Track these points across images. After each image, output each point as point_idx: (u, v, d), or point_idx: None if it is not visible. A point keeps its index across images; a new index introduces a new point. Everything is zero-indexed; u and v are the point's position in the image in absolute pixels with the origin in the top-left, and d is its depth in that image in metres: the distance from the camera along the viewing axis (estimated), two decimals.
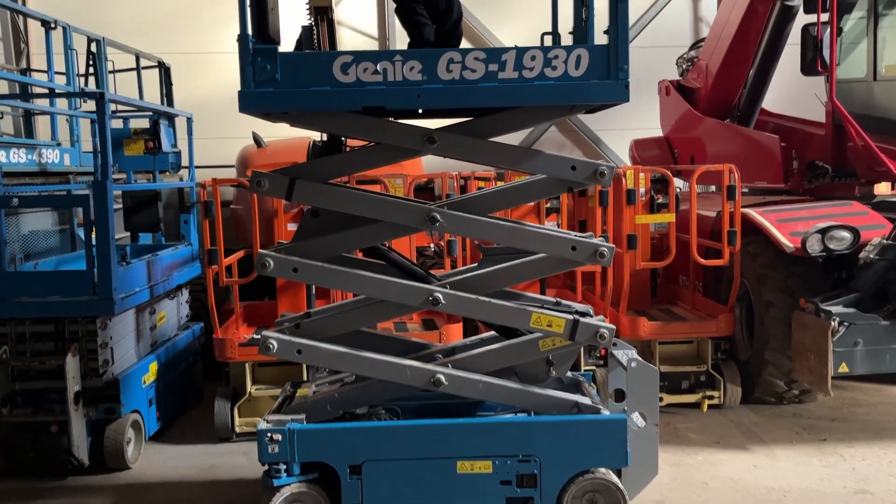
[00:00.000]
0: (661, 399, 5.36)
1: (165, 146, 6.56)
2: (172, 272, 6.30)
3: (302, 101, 3.55)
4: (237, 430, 5.74)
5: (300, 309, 5.34)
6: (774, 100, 8.26)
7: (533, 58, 3.52)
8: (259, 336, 3.93)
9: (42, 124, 8.73)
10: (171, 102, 8.33)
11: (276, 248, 3.96)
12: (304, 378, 5.61)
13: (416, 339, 4.70)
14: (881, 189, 6.64)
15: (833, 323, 5.06)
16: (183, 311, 6.85)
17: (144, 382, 5.61)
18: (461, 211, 3.83)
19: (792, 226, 5.83)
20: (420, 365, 3.92)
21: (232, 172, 9.30)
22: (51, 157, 6.51)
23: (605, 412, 3.92)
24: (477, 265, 4.14)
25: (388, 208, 3.84)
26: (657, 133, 9.34)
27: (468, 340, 4.52)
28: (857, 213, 5.93)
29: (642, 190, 6.40)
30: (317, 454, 3.81)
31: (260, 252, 3.83)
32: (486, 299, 3.83)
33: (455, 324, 6.07)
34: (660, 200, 6.48)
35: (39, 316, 4.98)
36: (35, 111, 7.61)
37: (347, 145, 4.16)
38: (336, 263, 3.89)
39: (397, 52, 3.57)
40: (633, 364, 4.01)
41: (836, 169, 6.79)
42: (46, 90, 7.04)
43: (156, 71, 8.39)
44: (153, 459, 5.47)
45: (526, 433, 3.84)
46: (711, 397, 6.13)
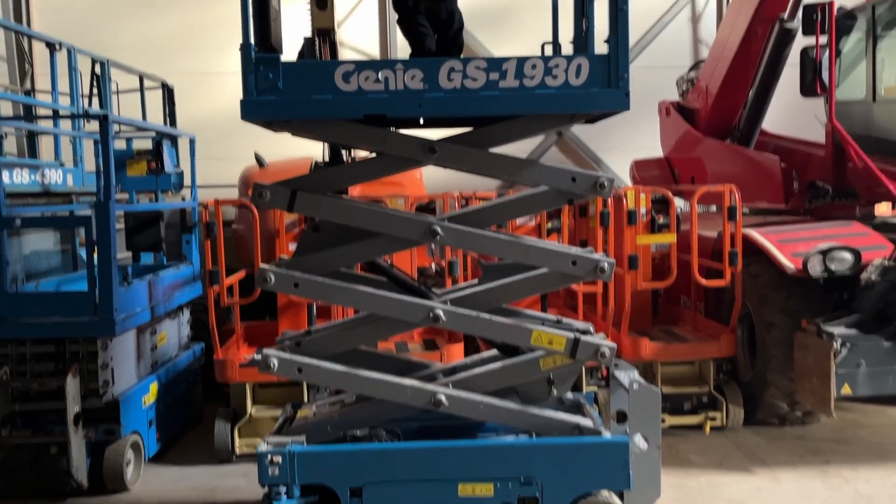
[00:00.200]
0: (663, 420, 5.34)
1: (168, 167, 6.58)
2: (174, 292, 6.30)
3: (304, 110, 3.56)
4: (237, 451, 5.71)
5: (301, 328, 5.33)
6: (774, 120, 8.29)
7: (533, 67, 3.54)
8: (259, 356, 3.92)
9: (45, 144, 8.78)
10: (173, 123, 8.37)
11: (277, 263, 3.96)
12: (305, 399, 5.59)
13: (417, 359, 4.69)
14: (882, 209, 6.64)
15: (835, 344, 5.05)
16: (184, 331, 6.84)
17: (144, 403, 5.59)
18: (462, 224, 3.83)
19: (793, 246, 5.83)
20: (421, 385, 3.91)
21: (234, 192, 9.33)
22: (54, 177, 6.53)
23: (607, 434, 3.90)
24: (477, 281, 4.14)
25: (388, 221, 3.84)
26: (657, 153, 9.38)
27: (469, 360, 4.50)
28: (858, 233, 5.94)
29: (643, 210, 6.41)
30: (317, 476, 3.79)
31: (261, 267, 3.83)
32: (487, 316, 3.83)
33: (456, 344, 6.06)
34: (661, 221, 6.48)
35: (40, 336, 4.98)
36: (39, 132, 7.66)
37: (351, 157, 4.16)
38: (337, 279, 3.89)
39: (399, 61, 3.59)
40: (635, 386, 4.00)
41: (837, 189, 6.80)
42: (50, 111, 7.08)
43: (159, 91, 8.44)
44: (153, 481, 5.43)
45: (527, 455, 3.82)
46: (714, 419, 6.10)
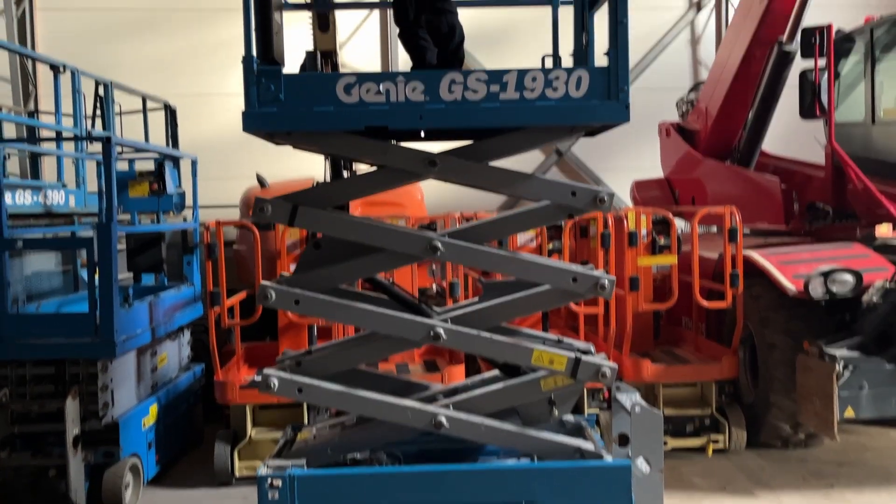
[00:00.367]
0: (665, 443, 5.31)
1: (170, 188, 6.60)
2: (174, 313, 6.30)
3: (305, 122, 3.56)
4: (237, 473, 5.67)
5: (302, 349, 5.31)
6: (774, 141, 8.33)
7: (534, 79, 3.55)
8: (259, 377, 3.90)
9: (48, 165, 8.82)
10: (175, 144, 8.40)
11: (278, 280, 3.95)
12: (305, 421, 5.57)
13: (418, 380, 4.67)
14: (882, 231, 6.64)
15: (838, 366, 5.03)
16: (184, 352, 6.83)
17: (144, 425, 5.57)
18: (462, 240, 3.81)
19: (794, 268, 5.83)
20: (421, 406, 3.88)
21: (235, 212, 9.36)
22: (56, 198, 6.55)
23: (609, 458, 3.87)
24: (478, 299, 4.13)
25: (389, 236, 3.83)
26: (658, 174, 9.41)
27: (469, 380, 4.48)
28: (859, 255, 5.94)
29: (644, 231, 6.42)
30: (318, 500, 3.75)
31: (262, 283, 3.81)
32: (488, 335, 3.81)
33: (457, 365, 6.04)
34: (661, 242, 6.49)
35: (40, 358, 4.97)
36: (42, 153, 7.69)
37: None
38: (338, 296, 3.88)
39: (400, 74, 3.59)
40: (637, 409, 3.97)
41: (837, 211, 6.82)
42: (54, 133, 7.12)
43: (161, 112, 8.49)
44: None
45: (529, 479, 3.78)
46: (716, 441, 6.06)
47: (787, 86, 7.58)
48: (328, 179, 4.38)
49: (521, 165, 4.43)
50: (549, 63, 4.40)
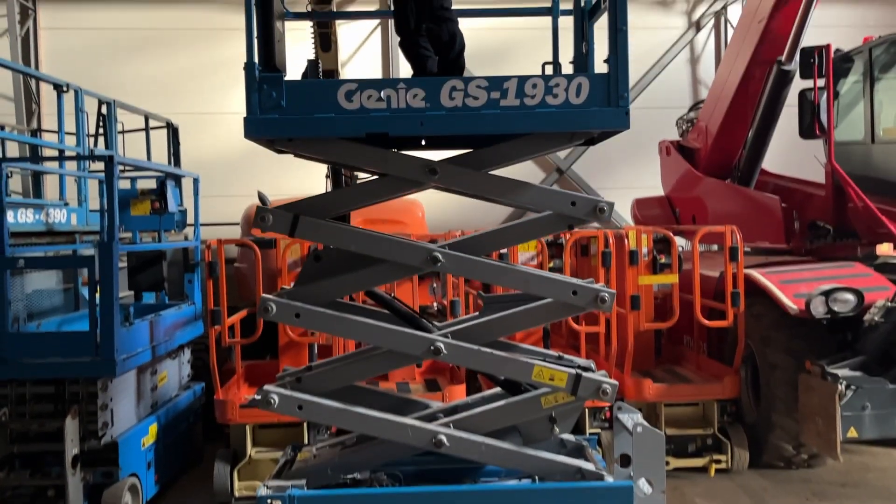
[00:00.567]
0: (667, 463, 5.27)
1: (171, 206, 6.61)
2: (175, 332, 6.29)
3: (306, 128, 3.58)
4: (236, 493, 5.63)
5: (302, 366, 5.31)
6: (774, 160, 8.35)
7: (534, 86, 3.56)
8: (259, 395, 3.88)
9: (50, 183, 8.85)
10: (178, 162, 8.44)
11: (278, 294, 3.94)
12: (306, 440, 5.54)
13: (419, 398, 4.65)
14: (883, 249, 6.65)
15: (840, 387, 5.01)
16: (184, 370, 6.81)
17: (143, 445, 5.54)
18: (463, 251, 3.80)
19: (795, 287, 5.83)
20: (421, 425, 3.86)
21: (236, 229, 9.38)
22: (58, 216, 6.56)
23: (610, 478, 3.85)
24: (478, 314, 4.12)
25: (389, 246, 3.82)
26: (658, 192, 9.43)
27: (470, 399, 4.46)
28: (860, 274, 5.94)
29: (645, 250, 6.42)
30: None
31: (263, 297, 3.79)
32: (488, 350, 3.79)
33: (458, 385, 6.02)
34: (662, 261, 6.49)
35: (40, 377, 4.95)
36: (44, 172, 7.72)
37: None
38: (339, 310, 3.87)
39: (401, 80, 3.60)
40: (639, 429, 3.95)
41: (838, 229, 6.82)
42: (56, 152, 7.15)
43: (164, 130, 8.53)
44: None
45: (530, 500, 3.76)
46: (719, 461, 6.02)
47: (786, 105, 7.62)
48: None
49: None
50: (549, 70, 4.40)
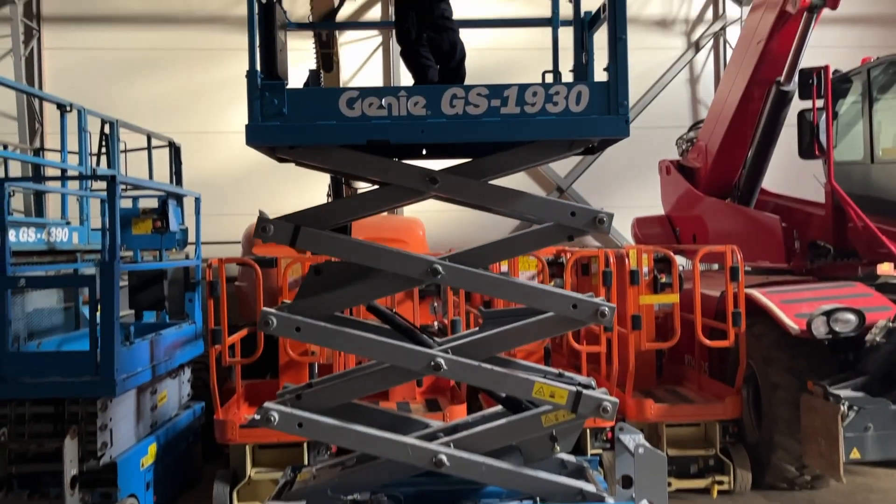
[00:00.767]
0: (669, 484, 5.24)
1: (173, 226, 6.62)
2: (175, 351, 6.28)
3: (308, 135, 3.59)
4: None
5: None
6: (774, 179, 8.37)
7: (534, 94, 3.58)
8: (259, 413, 3.87)
9: (52, 201, 8.88)
10: (179, 181, 8.47)
11: (279, 307, 3.94)
12: (305, 461, 5.52)
13: (419, 418, 4.63)
14: (884, 269, 6.65)
15: (842, 407, 4.99)
16: (184, 390, 6.79)
17: (142, 465, 5.51)
18: (463, 263, 3.80)
19: (796, 307, 5.82)
20: (422, 444, 3.84)
21: (237, 248, 9.38)
22: (59, 235, 6.57)
23: (611, 500, 3.82)
24: (478, 329, 4.12)
25: (390, 258, 3.82)
26: (658, 211, 9.45)
27: (471, 417, 4.44)
28: (861, 294, 5.94)
29: (645, 269, 6.42)
30: None
31: (263, 310, 3.79)
32: (489, 367, 3.78)
33: (459, 405, 6.00)
34: (663, 280, 6.49)
35: (40, 397, 4.93)
36: (47, 191, 7.75)
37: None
38: (339, 324, 3.86)
39: (402, 88, 3.63)
40: (641, 450, 3.93)
41: (838, 249, 6.82)
42: (59, 171, 7.18)
43: (166, 149, 8.56)
44: None
45: None
46: (721, 482, 5.98)
47: (786, 124, 7.65)
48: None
49: None
50: (549, 79, 4.42)
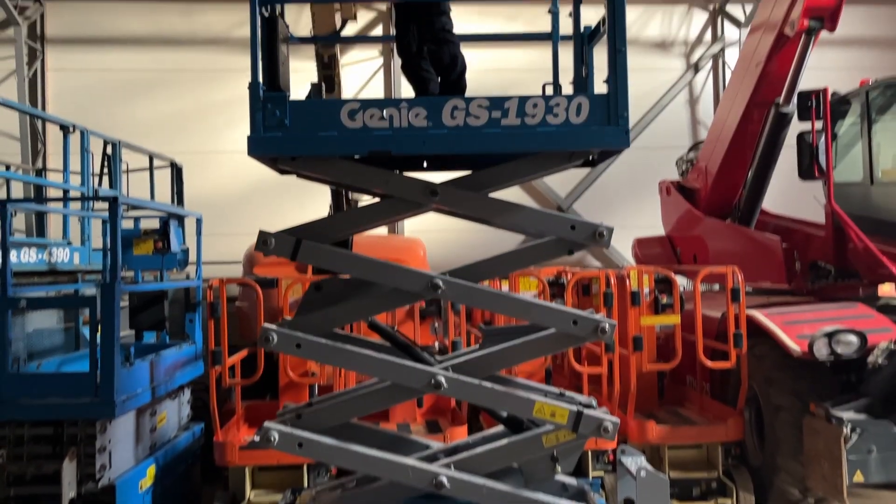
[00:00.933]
0: None
1: (174, 246, 6.64)
2: (175, 372, 6.26)
3: (310, 146, 3.60)
4: None
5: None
6: (774, 199, 8.39)
7: (535, 105, 3.59)
8: (259, 437, 3.85)
9: (54, 221, 8.90)
10: (181, 201, 8.49)
11: (280, 323, 3.93)
12: (305, 483, 5.48)
13: (420, 439, 4.61)
14: (885, 290, 6.64)
15: (845, 430, 4.97)
16: (184, 411, 6.76)
17: (141, 488, 5.47)
18: (464, 278, 3.80)
19: (798, 328, 5.80)
20: (422, 465, 3.82)
21: (238, 268, 9.39)
22: (61, 255, 6.59)
23: None
24: (479, 346, 4.10)
25: (391, 273, 3.82)
26: (658, 231, 9.46)
27: (471, 438, 4.42)
28: (863, 315, 5.92)
29: (646, 290, 6.42)
30: None
31: (264, 326, 3.78)
32: (489, 385, 3.76)
33: (460, 426, 5.97)
34: (664, 301, 6.48)
35: (39, 418, 4.92)
36: (48, 212, 7.77)
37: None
38: (340, 341, 3.86)
39: (403, 100, 3.64)
40: (643, 473, 3.92)
41: (839, 270, 6.82)
42: (61, 192, 7.20)
43: (167, 168, 8.60)
44: None
45: None
46: None
47: (785, 145, 7.68)
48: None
49: None
50: (549, 91, 4.44)
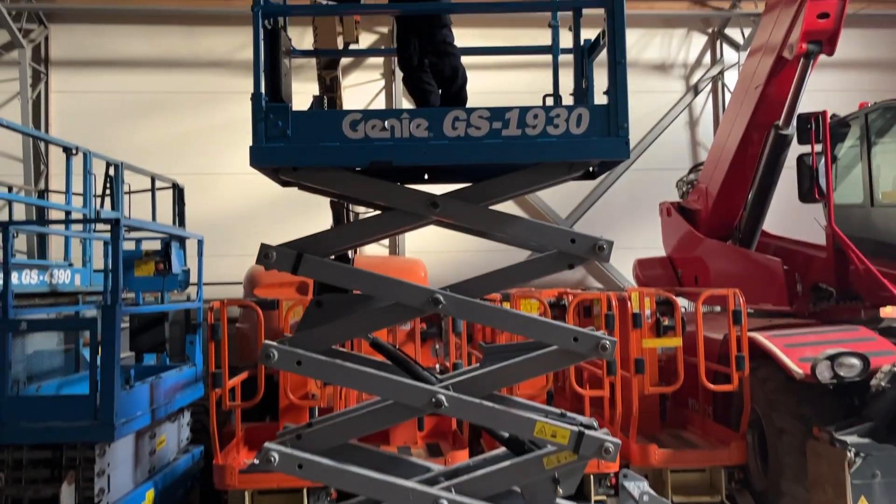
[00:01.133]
0: None
1: (175, 268, 6.64)
2: (175, 394, 6.23)
3: (311, 157, 3.62)
4: None
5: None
6: (775, 221, 8.40)
7: (535, 116, 3.62)
8: (258, 460, 3.82)
9: (55, 242, 8.91)
10: (182, 223, 8.51)
11: (280, 341, 3.91)
12: None
13: (420, 461, 4.58)
14: (887, 312, 6.63)
15: (849, 454, 4.93)
16: (183, 433, 6.72)
17: None
18: (464, 293, 3.79)
19: (800, 351, 5.79)
20: (423, 488, 3.79)
21: (239, 289, 9.38)
22: (62, 277, 6.58)
23: None
24: (479, 364, 4.08)
25: (392, 287, 3.83)
26: (658, 253, 9.46)
27: (472, 461, 4.39)
28: (865, 338, 5.90)
29: (648, 312, 6.40)
30: None
31: (265, 343, 3.76)
32: (490, 404, 3.74)
33: (461, 450, 5.93)
34: (666, 323, 6.47)
35: (38, 442, 4.89)
36: (50, 233, 7.78)
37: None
38: (341, 359, 3.85)
39: (405, 111, 3.66)
40: (646, 497, 3.91)
41: (841, 292, 6.80)
42: (63, 213, 7.21)
43: (169, 189, 8.62)
44: None
45: None
46: None
47: (786, 166, 7.70)
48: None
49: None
50: (549, 102, 4.44)
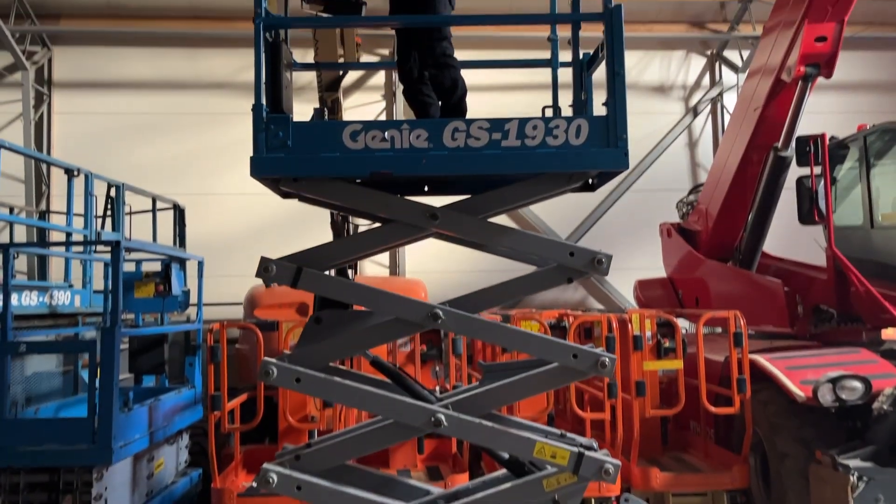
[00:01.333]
0: None
1: (175, 289, 6.64)
2: (174, 416, 6.21)
3: (312, 167, 3.62)
4: None
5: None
6: (776, 243, 8.40)
7: (535, 127, 3.62)
8: (256, 483, 3.78)
9: (56, 263, 8.91)
10: (183, 243, 8.52)
11: (280, 358, 3.89)
12: None
13: (420, 484, 4.54)
14: (888, 334, 6.61)
15: (852, 478, 4.90)
16: (182, 456, 6.68)
17: None
18: (462, 308, 3.78)
19: (802, 374, 5.76)
20: None
21: (239, 309, 9.37)
22: (61, 298, 6.58)
23: None
24: (479, 383, 4.06)
25: (391, 302, 3.81)
26: (659, 273, 9.46)
27: (472, 483, 4.36)
28: (867, 361, 5.88)
29: (648, 334, 6.38)
30: None
31: (264, 360, 3.74)
32: (490, 424, 3.71)
33: (461, 473, 5.89)
34: (666, 345, 6.44)
35: (35, 465, 4.86)
36: (51, 255, 7.78)
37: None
38: (340, 377, 3.82)
39: (405, 122, 3.68)
40: None
41: (842, 314, 6.79)
42: (64, 235, 7.22)
43: (170, 210, 8.64)
44: None
45: None
46: None
47: (786, 188, 7.71)
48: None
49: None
50: (549, 113, 4.45)
